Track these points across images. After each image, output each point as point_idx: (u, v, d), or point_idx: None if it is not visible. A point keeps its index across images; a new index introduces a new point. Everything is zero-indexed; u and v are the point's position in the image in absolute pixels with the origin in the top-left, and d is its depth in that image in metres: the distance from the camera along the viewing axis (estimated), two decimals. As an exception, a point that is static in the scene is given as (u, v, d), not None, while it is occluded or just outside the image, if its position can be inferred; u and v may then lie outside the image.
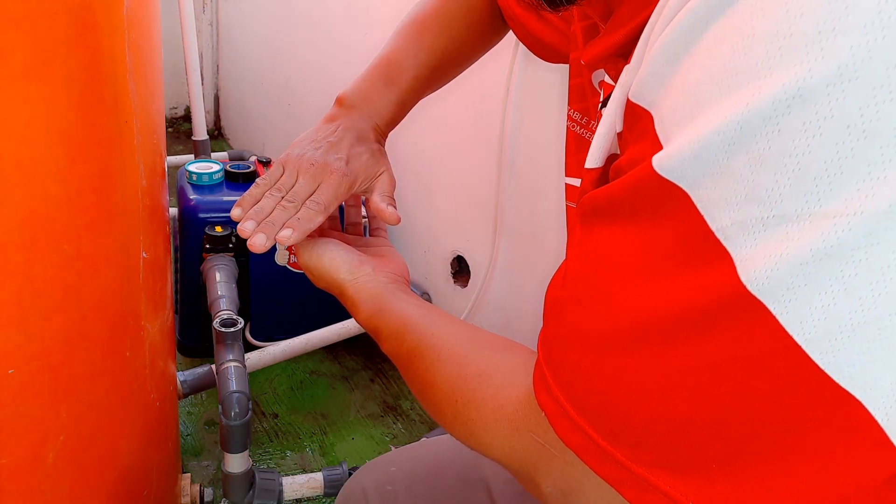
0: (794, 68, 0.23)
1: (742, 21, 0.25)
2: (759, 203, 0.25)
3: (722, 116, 0.25)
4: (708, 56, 0.26)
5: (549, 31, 0.65)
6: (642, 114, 0.30)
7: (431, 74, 0.68)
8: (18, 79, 0.48)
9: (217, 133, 2.69)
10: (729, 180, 0.25)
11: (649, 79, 0.30)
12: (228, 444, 0.95)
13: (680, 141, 0.27)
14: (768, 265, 0.25)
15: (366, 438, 1.35)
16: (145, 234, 0.67)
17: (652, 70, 0.29)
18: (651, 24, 0.32)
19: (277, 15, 2.01)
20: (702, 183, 0.26)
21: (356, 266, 0.57)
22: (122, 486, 0.72)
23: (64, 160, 0.53)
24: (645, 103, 0.30)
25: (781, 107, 0.23)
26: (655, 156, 0.28)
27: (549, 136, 1.14)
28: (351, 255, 0.58)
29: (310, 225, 0.57)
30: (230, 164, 1.41)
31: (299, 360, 1.51)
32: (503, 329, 1.35)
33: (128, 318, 0.67)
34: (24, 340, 0.55)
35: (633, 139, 0.31)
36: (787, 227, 0.24)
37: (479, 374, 0.42)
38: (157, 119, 0.69)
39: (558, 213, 1.16)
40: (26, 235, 0.52)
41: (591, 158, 0.37)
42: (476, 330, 0.47)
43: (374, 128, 0.65)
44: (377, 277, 0.56)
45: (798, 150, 0.23)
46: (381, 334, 0.52)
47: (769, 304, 0.25)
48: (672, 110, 0.28)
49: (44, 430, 0.60)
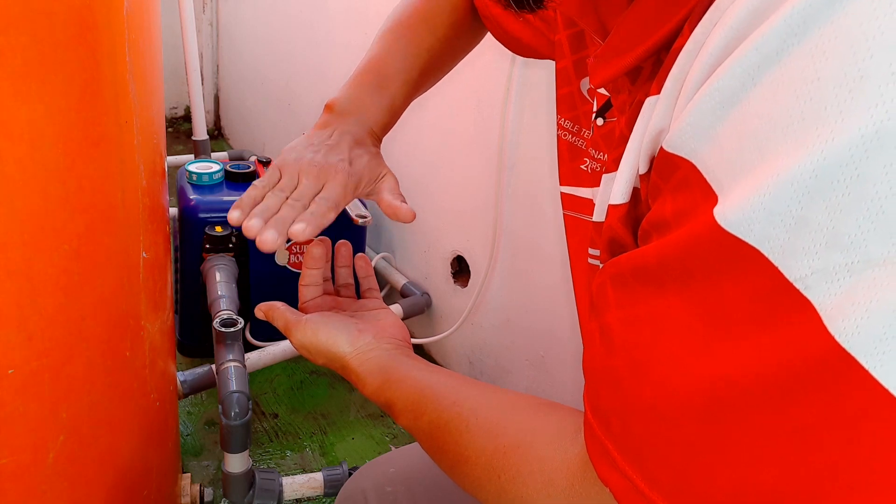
0: (868, 111, 0.22)
1: (802, 66, 0.24)
2: (842, 249, 0.23)
3: (792, 165, 0.24)
4: (766, 103, 0.25)
5: (527, 31, 0.65)
6: (681, 163, 0.29)
7: (420, 76, 0.67)
8: (18, 79, 0.48)
9: (217, 133, 2.69)
10: (805, 230, 0.24)
11: (690, 129, 0.28)
12: (228, 444, 0.95)
13: (743, 192, 0.25)
14: (858, 314, 0.23)
15: (366, 438, 1.35)
16: (145, 234, 0.67)
17: (693, 120, 0.28)
18: (681, 66, 0.31)
19: (277, 15, 2.01)
20: (774, 235, 0.25)
21: (356, 337, 0.54)
22: (121, 486, 0.72)
23: (64, 160, 0.53)
24: (685, 153, 0.29)
25: (858, 152, 0.23)
26: (716, 209, 0.26)
27: (550, 136, 1.14)
28: (348, 325, 0.55)
29: (323, 220, 0.54)
30: (230, 164, 1.41)
31: (299, 360, 1.51)
32: (503, 329, 1.35)
33: (128, 318, 0.67)
34: (24, 340, 0.55)
35: (670, 188, 0.30)
36: (875, 271, 0.23)
37: (517, 444, 0.39)
38: (157, 119, 0.69)
39: (558, 214, 1.16)
40: (26, 235, 0.52)
41: (617, 194, 0.36)
42: (499, 392, 0.44)
43: (370, 133, 0.64)
44: (380, 345, 0.53)
45: (880, 194, 0.22)
46: (395, 407, 0.48)
47: (861, 359, 0.23)
48: (726, 160, 0.27)
49: (44, 430, 0.60)
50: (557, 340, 1.21)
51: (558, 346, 1.21)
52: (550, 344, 1.23)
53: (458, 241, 1.43)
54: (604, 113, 0.48)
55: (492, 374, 1.40)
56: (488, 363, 1.41)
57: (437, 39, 0.67)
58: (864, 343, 0.23)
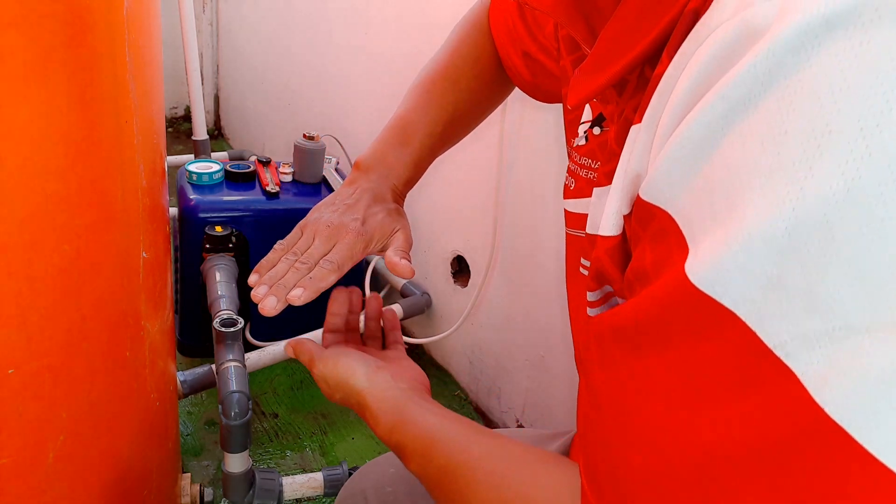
0: (838, 167, 0.21)
1: (769, 118, 0.23)
2: (821, 314, 0.22)
3: (763, 221, 0.23)
4: (734, 154, 0.24)
5: (549, 79, 0.64)
6: (657, 213, 0.28)
7: (444, 131, 0.68)
8: (18, 79, 0.48)
9: (217, 133, 2.69)
10: (782, 292, 0.23)
11: (663, 178, 0.28)
12: (228, 443, 0.95)
13: (713, 247, 0.25)
14: (844, 384, 0.22)
15: (366, 438, 1.35)
16: (145, 234, 0.67)
17: (666, 168, 0.27)
18: (655, 105, 0.30)
19: (277, 15, 2.01)
20: (749, 297, 0.23)
21: (373, 372, 0.53)
22: (122, 486, 0.72)
23: (64, 160, 0.53)
24: (660, 202, 0.28)
25: (831, 210, 0.22)
26: (687, 263, 0.26)
27: (550, 136, 1.14)
28: (367, 361, 0.55)
29: (322, 284, 0.56)
30: (230, 164, 1.41)
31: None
32: (503, 329, 1.35)
33: (128, 318, 0.67)
34: (24, 340, 0.55)
35: (648, 237, 0.30)
36: (859, 339, 0.22)
37: (520, 496, 0.39)
38: (157, 119, 0.69)
39: (558, 214, 1.16)
40: (26, 235, 0.52)
41: (606, 225, 0.35)
42: (509, 443, 0.44)
43: (392, 188, 0.65)
44: (397, 384, 0.52)
45: (857, 255, 0.21)
46: (406, 451, 0.48)
47: (852, 432, 0.22)
48: (697, 212, 0.26)
49: (44, 430, 0.60)
50: (557, 340, 1.21)
51: (558, 345, 1.21)
52: (550, 344, 1.23)
53: (458, 241, 1.43)
54: (600, 122, 0.47)
55: (492, 373, 1.40)
56: (488, 363, 1.41)
57: (461, 93, 0.68)
58: (854, 414, 0.22)
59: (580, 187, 0.48)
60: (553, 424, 1.26)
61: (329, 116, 1.78)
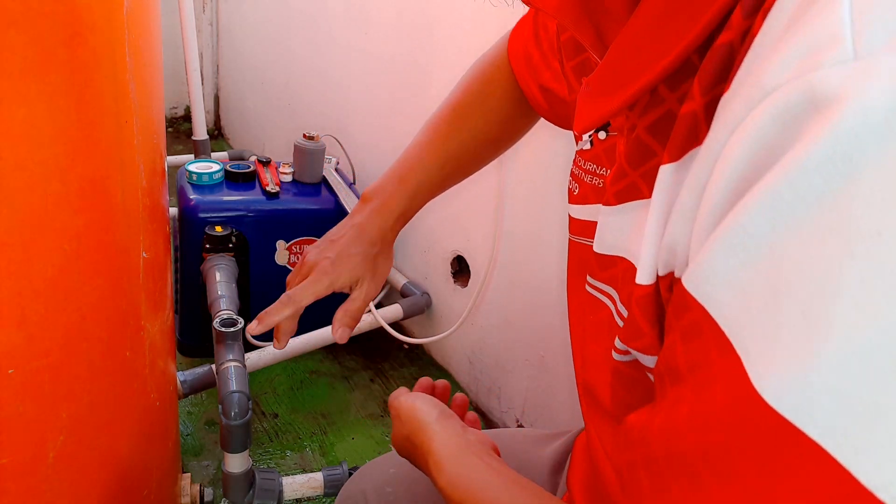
0: None
1: (856, 212, 0.20)
2: None
3: (859, 338, 0.20)
4: (808, 253, 0.21)
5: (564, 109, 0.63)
6: (693, 305, 0.25)
7: (445, 169, 0.68)
8: (18, 79, 0.48)
9: (217, 133, 2.69)
10: (882, 422, 0.19)
11: (706, 268, 0.24)
12: (228, 443, 0.95)
13: (792, 364, 0.21)
14: None
15: (366, 438, 1.35)
16: (145, 234, 0.67)
17: (711, 259, 0.24)
18: (698, 175, 0.27)
19: (277, 15, 2.01)
20: (842, 427, 0.20)
21: (447, 416, 0.50)
22: (122, 486, 0.72)
23: (64, 160, 0.53)
24: (699, 295, 0.25)
25: None
26: (755, 378, 0.22)
27: (550, 135, 1.14)
28: (444, 407, 0.51)
29: (275, 317, 0.62)
30: (230, 164, 1.41)
31: (299, 360, 1.51)
32: (503, 329, 1.35)
33: (128, 318, 0.67)
34: (24, 340, 0.55)
35: (680, 329, 0.26)
36: None
37: None
38: (157, 119, 0.69)
39: (559, 214, 1.16)
40: (26, 235, 0.52)
41: (641, 275, 0.32)
42: None
43: (381, 225, 0.67)
44: (465, 436, 0.48)
45: None
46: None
47: None
48: (751, 317, 0.22)
49: (44, 430, 0.60)
50: (557, 340, 1.21)
51: (558, 346, 1.21)
52: (550, 344, 1.23)
53: (458, 241, 1.43)
54: (606, 128, 0.46)
55: (492, 373, 1.40)
56: (488, 363, 1.41)
57: (468, 131, 0.68)
58: None
59: (584, 193, 0.47)
60: (553, 424, 1.26)
61: (329, 116, 1.78)
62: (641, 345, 0.34)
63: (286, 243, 1.39)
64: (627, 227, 0.36)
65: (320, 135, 1.45)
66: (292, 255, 1.40)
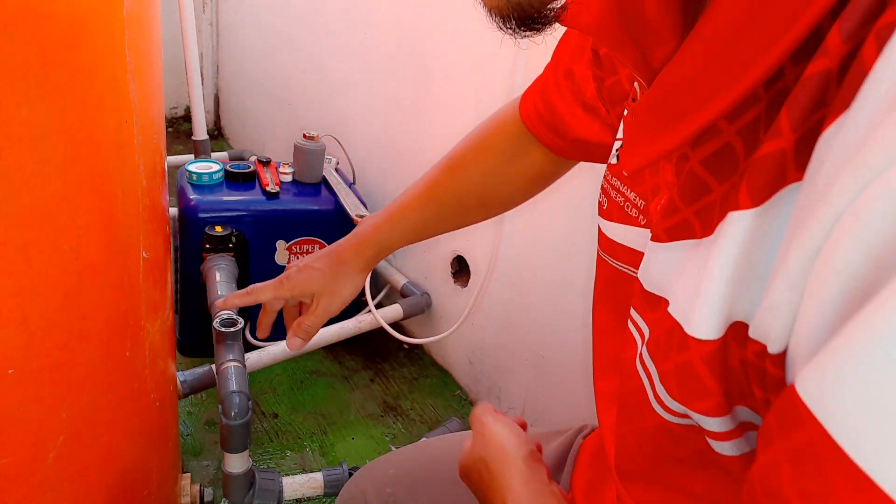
0: None
1: None
2: None
3: None
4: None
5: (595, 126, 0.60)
6: (808, 419, 0.21)
7: (426, 224, 0.71)
8: (18, 79, 0.48)
9: (217, 133, 2.69)
10: None
11: (829, 379, 0.20)
12: (228, 444, 0.95)
13: None
14: None
15: (366, 438, 1.35)
16: (145, 234, 0.67)
17: (843, 369, 0.19)
18: (805, 256, 0.22)
19: (277, 15, 2.01)
20: None
21: (535, 458, 0.48)
22: (121, 486, 0.72)
23: (64, 160, 0.53)
24: (816, 408, 0.20)
25: None
26: None
27: (549, 136, 1.14)
28: (520, 434, 0.50)
29: (235, 301, 0.73)
30: (230, 164, 1.41)
31: (299, 360, 1.51)
32: (503, 329, 1.35)
33: (128, 318, 0.67)
34: (24, 340, 0.55)
35: (787, 449, 0.22)
36: None
37: None
38: (157, 119, 0.69)
39: (559, 214, 1.16)
40: (26, 235, 0.52)
41: (699, 326, 0.29)
42: None
43: (356, 251, 0.70)
44: (550, 486, 0.46)
45: None
46: None
47: None
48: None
49: (44, 430, 0.60)
50: (557, 340, 1.21)
51: (558, 346, 1.21)
52: (550, 344, 1.23)
53: (458, 241, 1.43)
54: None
55: (492, 374, 1.40)
56: (488, 363, 1.41)
57: (461, 182, 0.70)
58: None
59: (611, 210, 0.45)
60: (553, 424, 1.26)
61: (329, 116, 1.78)
62: (704, 406, 0.30)
63: (286, 243, 1.39)
64: (673, 266, 0.33)
65: (320, 135, 1.45)
66: (292, 255, 1.40)
